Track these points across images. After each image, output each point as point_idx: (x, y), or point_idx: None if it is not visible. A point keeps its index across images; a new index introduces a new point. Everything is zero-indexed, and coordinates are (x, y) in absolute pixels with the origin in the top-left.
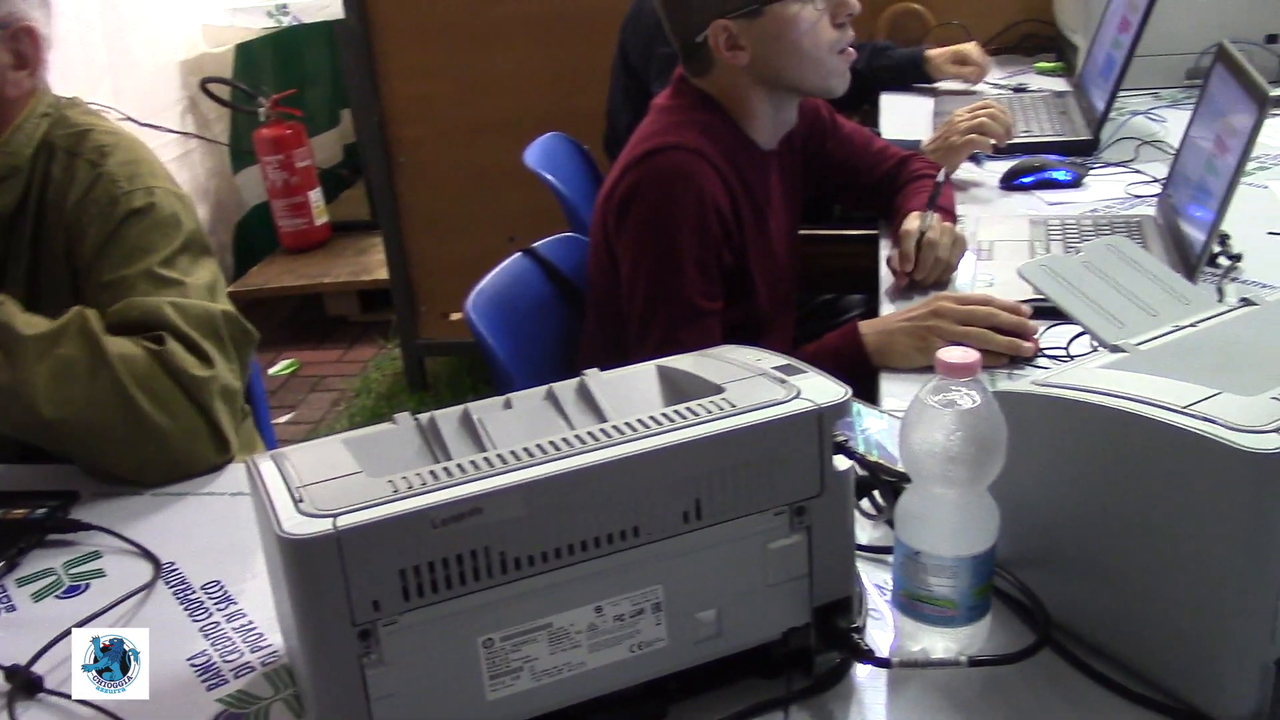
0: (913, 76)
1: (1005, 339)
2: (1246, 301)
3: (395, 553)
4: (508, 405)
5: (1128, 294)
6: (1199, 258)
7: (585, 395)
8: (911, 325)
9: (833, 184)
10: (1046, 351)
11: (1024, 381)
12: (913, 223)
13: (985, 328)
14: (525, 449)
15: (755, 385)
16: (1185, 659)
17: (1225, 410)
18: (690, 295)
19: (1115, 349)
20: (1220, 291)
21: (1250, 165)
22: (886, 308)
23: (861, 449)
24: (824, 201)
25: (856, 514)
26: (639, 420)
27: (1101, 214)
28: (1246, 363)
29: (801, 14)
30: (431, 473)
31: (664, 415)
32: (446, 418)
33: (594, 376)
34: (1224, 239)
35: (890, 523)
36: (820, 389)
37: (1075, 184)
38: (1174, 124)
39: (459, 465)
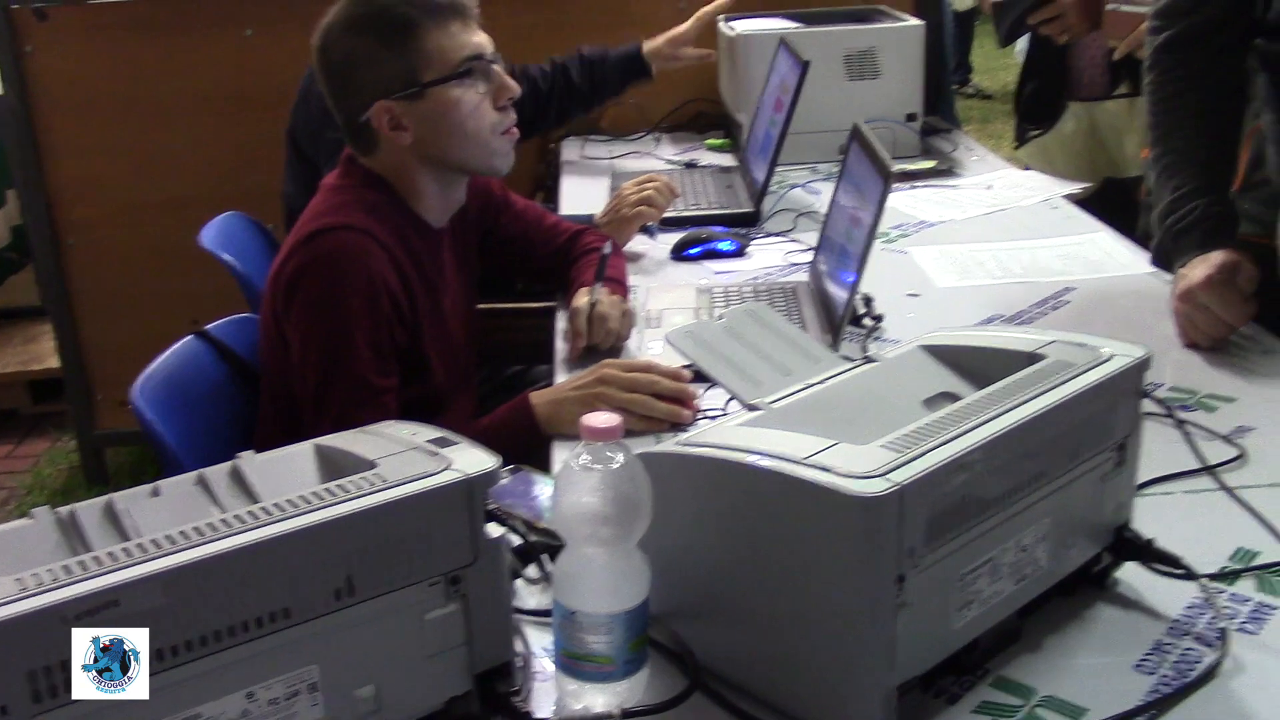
0: (636, 74)
1: (666, 406)
2: (868, 359)
3: (22, 654)
4: (155, 493)
5: (764, 356)
6: (841, 318)
7: (238, 478)
8: (579, 394)
9: (508, 260)
10: (709, 413)
11: (669, 441)
12: (582, 299)
13: (648, 394)
14: (167, 536)
15: (407, 459)
16: (820, 692)
17: (840, 459)
18: (363, 373)
19: (752, 408)
20: (864, 349)
21: (893, 233)
22: (560, 376)
23: (545, 516)
24: (504, 277)
25: (523, 580)
26: (288, 500)
27: (762, 281)
28: (864, 415)
29: (463, 97)
30: (65, 567)
31: (314, 494)
32: (88, 510)
33: (248, 459)
34: (869, 301)
35: None
36: (471, 459)
37: (739, 253)
38: (828, 196)
39: (95, 558)
